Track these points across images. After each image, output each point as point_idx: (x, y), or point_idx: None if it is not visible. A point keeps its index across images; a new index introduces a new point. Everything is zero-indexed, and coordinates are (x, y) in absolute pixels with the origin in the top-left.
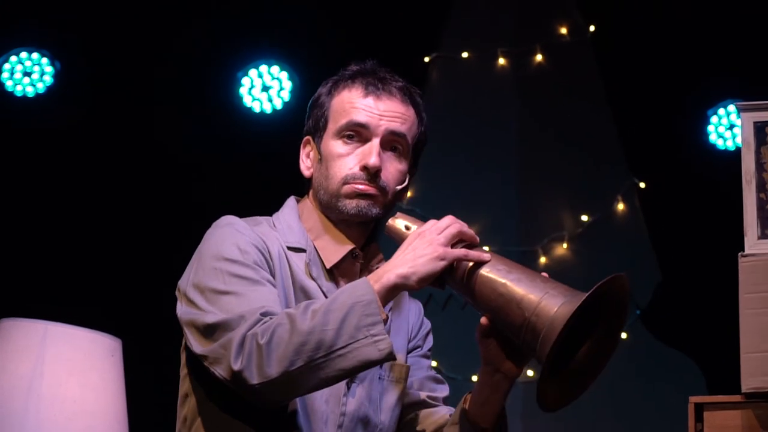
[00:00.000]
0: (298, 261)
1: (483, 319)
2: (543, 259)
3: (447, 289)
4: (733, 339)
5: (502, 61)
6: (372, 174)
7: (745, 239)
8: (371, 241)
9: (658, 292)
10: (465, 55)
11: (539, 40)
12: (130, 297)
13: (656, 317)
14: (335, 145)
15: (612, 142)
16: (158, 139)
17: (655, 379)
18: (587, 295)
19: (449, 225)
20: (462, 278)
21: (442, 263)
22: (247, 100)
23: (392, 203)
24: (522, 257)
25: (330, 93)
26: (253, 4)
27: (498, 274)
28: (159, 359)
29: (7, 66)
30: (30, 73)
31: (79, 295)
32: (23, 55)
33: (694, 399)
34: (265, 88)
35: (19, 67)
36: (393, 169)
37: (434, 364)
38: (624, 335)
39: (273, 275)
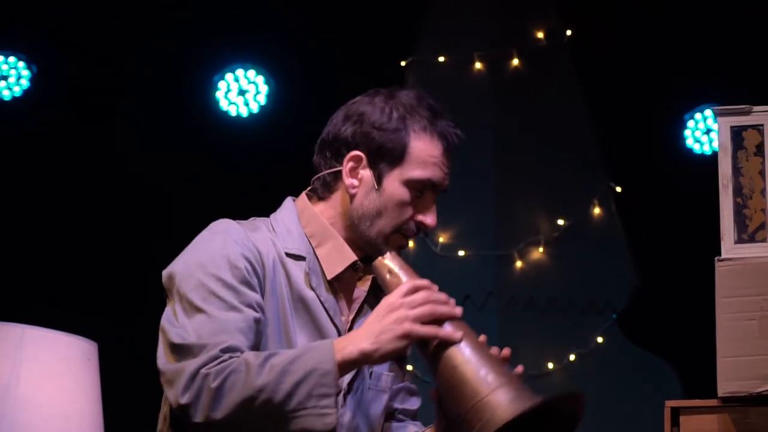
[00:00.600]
0: (297, 269)
1: (432, 392)
2: (519, 263)
3: None
4: (710, 343)
5: (478, 65)
6: (423, 231)
7: (722, 243)
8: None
9: (634, 296)
10: (441, 59)
11: (516, 44)
12: (106, 300)
13: (633, 321)
14: (403, 193)
15: (589, 146)
16: (135, 143)
17: (631, 383)
18: (530, 406)
19: (423, 302)
20: (425, 350)
21: (406, 342)
22: (224, 104)
23: None
24: (498, 261)
25: (408, 126)
26: (228, 9)
27: (456, 356)
28: (135, 363)
29: None
30: (6, 77)
31: (56, 298)
32: None
33: (670, 403)
34: (242, 92)
35: None
36: None
37: (409, 368)
38: (600, 339)
39: (263, 288)
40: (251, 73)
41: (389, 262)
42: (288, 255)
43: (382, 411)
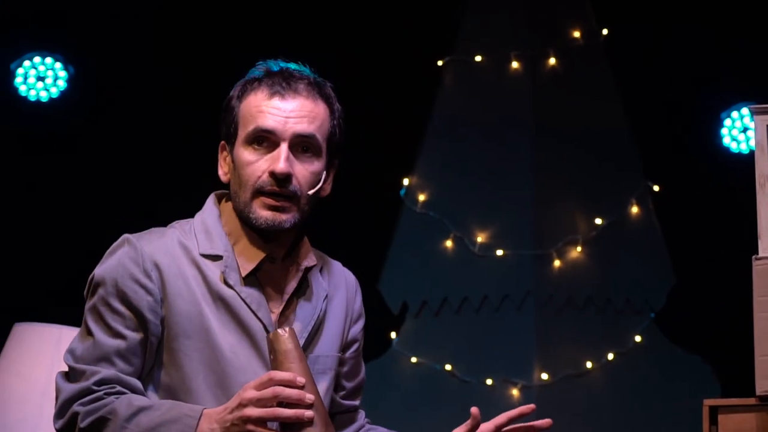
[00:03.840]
0: (214, 269)
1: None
2: (557, 263)
3: (459, 293)
4: (748, 342)
5: (515, 64)
6: (281, 180)
7: (759, 242)
8: (301, 237)
9: (672, 295)
10: (478, 58)
11: (553, 43)
12: None
13: (670, 320)
14: (245, 153)
15: (626, 145)
16: (172, 143)
17: (669, 381)
18: None
19: (270, 399)
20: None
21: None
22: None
23: (309, 205)
24: (536, 260)
25: (239, 98)
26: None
27: None
28: None
29: (20, 70)
30: (43, 78)
31: None
32: (37, 59)
33: (708, 402)
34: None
35: (32, 72)
36: (305, 172)
37: (449, 368)
38: (638, 338)
39: (164, 299)
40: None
41: (276, 340)
42: (203, 256)
43: (326, 391)
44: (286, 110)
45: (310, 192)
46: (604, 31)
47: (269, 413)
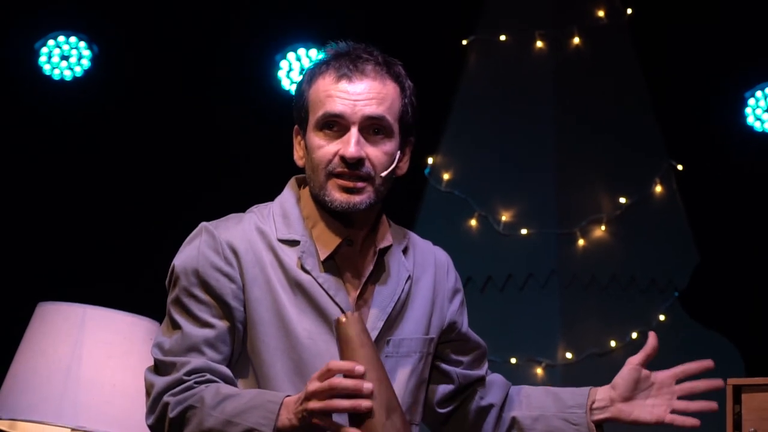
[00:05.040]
0: (291, 254)
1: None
2: (581, 242)
3: (484, 272)
4: None
5: (539, 43)
6: (353, 164)
7: None
8: (380, 218)
9: (695, 274)
10: (503, 38)
11: (576, 22)
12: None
13: (694, 299)
14: (316, 138)
15: (649, 124)
16: (195, 123)
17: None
18: None
19: (329, 394)
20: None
21: (323, 422)
22: (286, 84)
23: (385, 185)
24: (560, 239)
25: (308, 82)
26: None
27: None
28: None
29: (45, 49)
30: (68, 57)
31: (118, 278)
32: (61, 38)
33: (732, 381)
34: (303, 72)
35: (56, 51)
36: (378, 153)
37: None
38: (662, 317)
39: (244, 285)
40: (313, 52)
41: (338, 328)
42: (281, 241)
43: (410, 376)
44: (354, 93)
45: (384, 173)
46: (629, 11)
47: (327, 406)
